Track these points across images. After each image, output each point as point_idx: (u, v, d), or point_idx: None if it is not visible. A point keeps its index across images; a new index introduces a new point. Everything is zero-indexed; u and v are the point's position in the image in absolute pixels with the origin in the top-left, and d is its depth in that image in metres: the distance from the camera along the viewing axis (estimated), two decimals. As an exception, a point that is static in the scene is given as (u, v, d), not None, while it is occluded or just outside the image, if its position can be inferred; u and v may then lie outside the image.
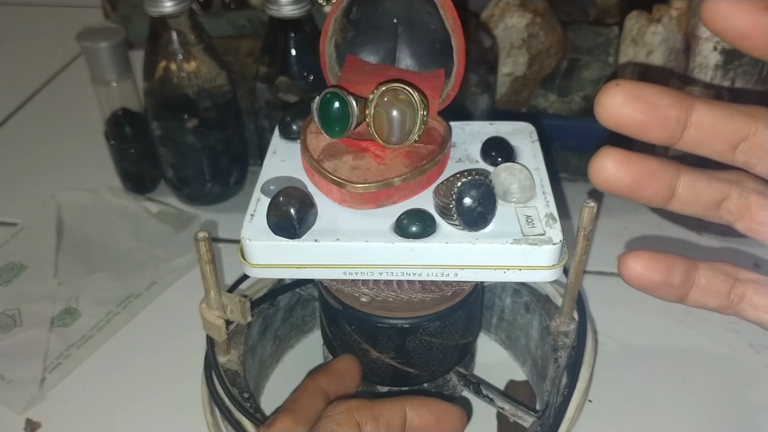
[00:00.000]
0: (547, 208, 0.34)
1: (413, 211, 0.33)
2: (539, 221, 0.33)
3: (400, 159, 0.35)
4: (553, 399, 0.39)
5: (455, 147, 0.38)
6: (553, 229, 0.33)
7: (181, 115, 0.56)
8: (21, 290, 0.52)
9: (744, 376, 0.47)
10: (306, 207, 0.32)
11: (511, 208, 0.34)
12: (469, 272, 0.33)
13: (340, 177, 0.33)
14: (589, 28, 0.63)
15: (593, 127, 0.68)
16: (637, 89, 0.23)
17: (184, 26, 0.53)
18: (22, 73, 0.85)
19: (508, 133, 0.39)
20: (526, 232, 0.32)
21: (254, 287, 0.46)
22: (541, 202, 0.34)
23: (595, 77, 0.63)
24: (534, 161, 0.37)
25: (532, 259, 0.32)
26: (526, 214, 0.33)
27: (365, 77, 0.38)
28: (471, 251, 0.32)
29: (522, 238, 0.32)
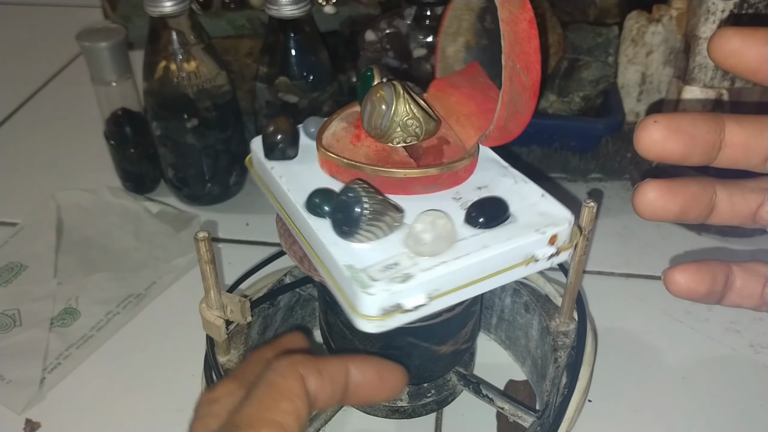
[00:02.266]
0: (424, 272, 0.29)
1: (331, 192, 0.32)
2: (394, 271, 0.29)
3: (370, 150, 0.34)
4: (553, 399, 0.39)
5: (481, 189, 0.34)
6: (387, 284, 0.28)
7: (181, 115, 0.56)
8: (21, 290, 0.52)
9: (744, 376, 0.47)
10: (282, 138, 0.35)
11: (401, 249, 0.30)
12: (320, 268, 0.32)
13: (321, 136, 0.35)
14: (589, 28, 0.63)
15: (593, 127, 0.68)
16: (675, 123, 0.24)
17: (184, 26, 0.53)
18: (22, 73, 0.85)
19: (540, 212, 0.32)
20: (369, 269, 0.29)
21: (254, 287, 0.46)
22: (429, 263, 0.29)
23: (595, 77, 0.63)
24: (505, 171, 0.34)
25: (349, 293, 0.29)
26: (398, 261, 0.29)
27: (463, 84, 0.37)
28: (322, 248, 0.31)
29: (355, 269, 0.29)
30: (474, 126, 0.35)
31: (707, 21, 0.51)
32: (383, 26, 0.54)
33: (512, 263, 0.31)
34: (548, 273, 0.46)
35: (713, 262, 0.27)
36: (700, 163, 0.26)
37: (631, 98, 0.63)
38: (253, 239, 0.58)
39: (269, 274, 0.47)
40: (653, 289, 0.53)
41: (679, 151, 0.25)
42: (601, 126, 0.60)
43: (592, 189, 0.63)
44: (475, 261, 0.29)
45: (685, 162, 0.26)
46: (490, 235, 0.30)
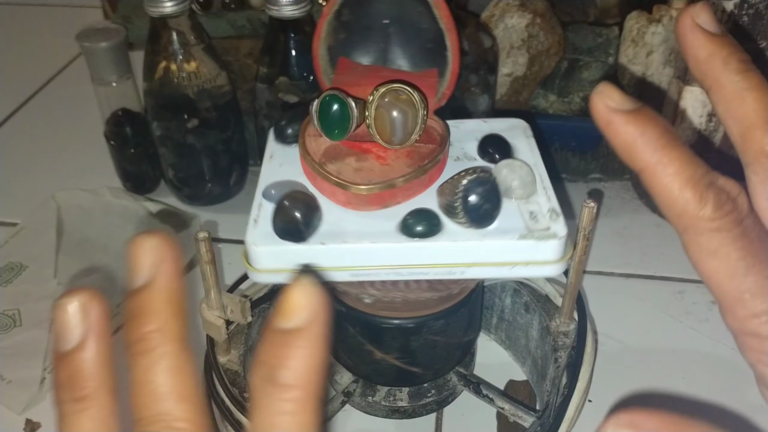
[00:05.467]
0: (549, 203, 0.34)
1: (418, 210, 0.33)
2: (543, 216, 0.33)
3: (403, 159, 0.35)
4: (553, 399, 0.39)
5: (452, 146, 0.38)
6: (556, 224, 0.33)
7: (181, 115, 0.56)
8: (21, 290, 0.52)
9: (744, 376, 0.46)
10: (311, 210, 0.32)
11: (514, 204, 0.34)
12: (476, 269, 0.33)
13: (344, 179, 0.33)
14: (589, 28, 0.63)
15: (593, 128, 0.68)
16: None
17: (184, 26, 0.53)
18: (22, 73, 0.85)
19: (503, 130, 0.39)
20: (531, 227, 0.32)
21: (254, 287, 0.46)
22: (542, 198, 0.34)
23: (595, 77, 0.63)
24: (531, 156, 0.37)
25: (538, 254, 0.32)
26: (530, 209, 0.33)
27: (359, 79, 0.38)
28: (478, 248, 0.32)
29: (527, 234, 0.32)
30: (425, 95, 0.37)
31: (707, 21, 0.51)
32: (383, 26, 0.54)
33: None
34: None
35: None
36: None
37: (631, 98, 0.63)
38: (253, 239, 0.58)
39: (269, 274, 0.47)
40: (653, 289, 0.53)
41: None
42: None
43: (592, 189, 0.63)
44: (547, 176, 0.36)
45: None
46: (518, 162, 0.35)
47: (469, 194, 0.31)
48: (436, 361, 0.39)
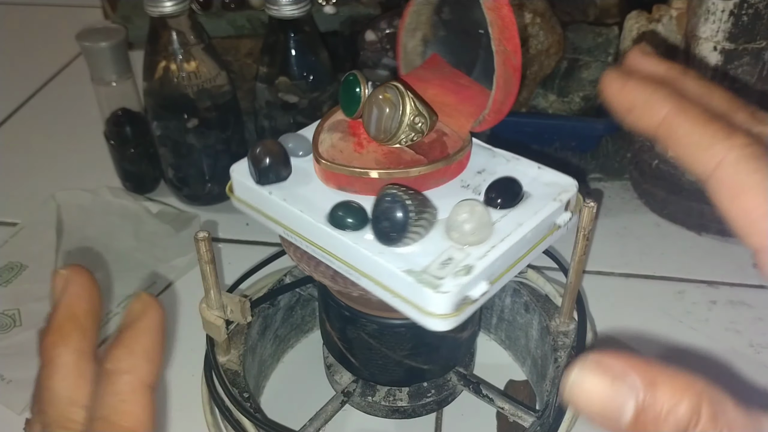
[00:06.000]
0: (480, 260, 0.29)
1: (355, 206, 0.32)
2: (453, 266, 0.29)
3: (378, 155, 0.34)
4: (553, 399, 0.39)
5: (479, 173, 0.35)
6: (454, 280, 0.28)
7: (181, 115, 0.56)
8: (21, 290, 0.52)
9: (744, 376, 0.47)
10: (275, 160, 0.34)
11: (448, 242, 0.30)
12: (366, 281, 0.31)
13: (318, 150, 0.34)
14: (589, 28, 0.63)
15: (593, 127, 0.68)
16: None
17: (184, 26, 0.53)
18: (22, 73, 0.85)
19: (544, 183, 0.34)
20: (428, 269, 0.29)
21: (254, 287, 0.46)
22: (480, 251, 0.30)
23: (595, 77, 0.62)
24: (533, 219, 0.32)
25: (417, 297, 0.29)
26: (452, 255, 0.30)
27: (431, 77, 0.37)
28: (368, 260, 0.31)
29: (416, 272, 0.29)
30: (464, 114, 0.35)
31: (707, 21, 0.51)
32: (383, 26, 0.54)
33: (542, 235, 0.33)
34: (548, 273, 0.46)
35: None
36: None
37: (631, 98, 0.63)
38: (253, 239, 0.58)
39: (269, 274, 0.47)
40: (653, 289, 0.53)
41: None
42: (601, 126, 0.60)
43: (592, 189, 0.63)
44: (517, 239, 0.31)
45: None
46: (517, 213, 0.32)
47: (378, 208, 0.30)
48: (445, 356, 0.40)
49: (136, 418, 0.24)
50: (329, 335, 0.41)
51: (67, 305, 0.27)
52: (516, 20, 0.32)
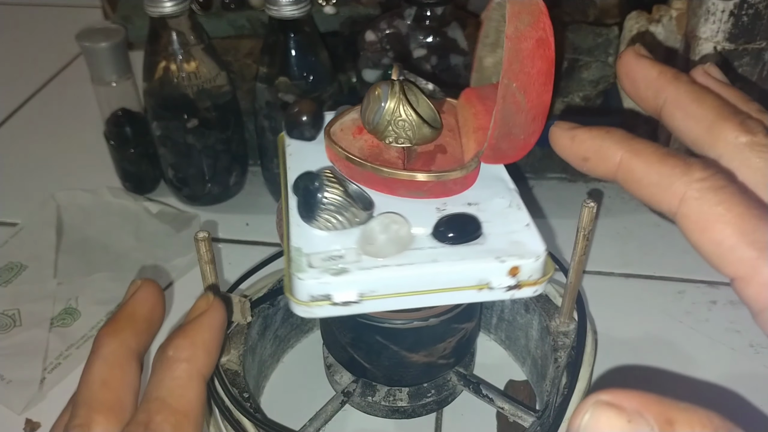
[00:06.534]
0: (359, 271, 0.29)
1: (312, 174, 0.32)
2: (334, 263, 0.29)
3: (364, 144, 0.34)
4: (553, 399, 0.39)
5: (470, 205, 0.32)
6: (319, 273, 0.28)
7: (181, 115, 0.56)
8: (21, 290, 0.52)
9: (744, 376, 0.47)
10: (301, 119, 0.36)
11: (354, 244, 0.30)
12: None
13: (332, 124, 0.35)
14: (589, 28, 0.63)
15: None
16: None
17: (184, 26, 0.53)
18: (22, 73, 0.85)
19: (513, 241, 0.30)
20: (314, 255, 0.29)
21: (254, 287, 0.46)
22: (370, 263, 0.29)
23: (595, 77, 0.62)
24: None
25: (289, 272, 0.29)
26: (344, 255, 0.29)
27: (488, 98, 0.35)
28: (289, 227, 0.31)
29: (301, 252, 0.29)
30: (476, 141, 0.34)
31: (707, 21, 0.51)
32: (383, 26, 0.54)
33: (462, 284, 0.30)
34: (548, 273, 0.46)
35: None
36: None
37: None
38: (253, 239, 0.58)
39: (269, 274, 0.47)
40: (653, 289, 0.53)
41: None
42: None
43: (592, 189, 0.63)
44: (417, 272, 0.29)
45: None
46: (448, 252, 0.29)
47: (305, 184, 0.31)
48: (382, 366, 0.40)
49: (190, 403, 0.26)
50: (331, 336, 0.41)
51: (128, 306, 0.30)
52: (550, 62, 0.29)
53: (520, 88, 0.29)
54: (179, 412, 0.25)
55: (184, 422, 0.25)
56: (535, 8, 0.29)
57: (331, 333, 0.40)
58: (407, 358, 0.39)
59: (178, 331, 0.28)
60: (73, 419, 0.26)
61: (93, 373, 0.27)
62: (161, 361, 0.27)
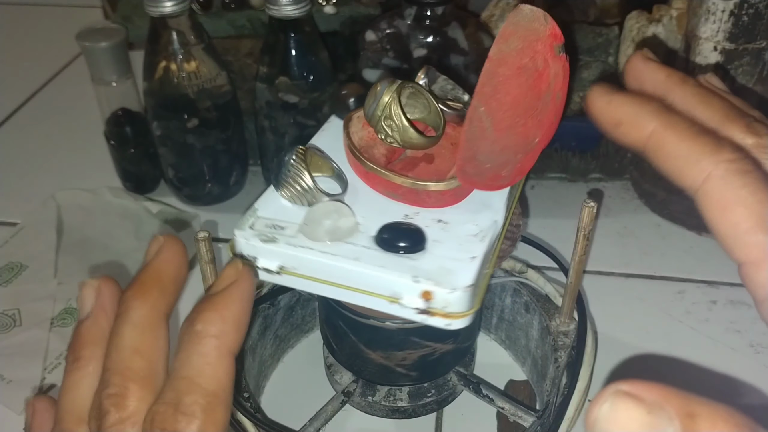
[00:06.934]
0: (285, 244, 0.29)
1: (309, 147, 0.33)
2: (270, 231, 0.30)
3: (365, 133, 0.35)
4: (553, 399, 0.39)
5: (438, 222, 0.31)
6: (251, 234, 0.30)
7: (181, 115, 0.56)
8: (21, 290, 0.52)
9: (744, 376, 0.47)
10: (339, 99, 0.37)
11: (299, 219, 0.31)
12: None
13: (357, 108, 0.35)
14: (589, 28, 0.63)
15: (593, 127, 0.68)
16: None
17: (184, 26, 0.53)
18: (22, 73, 0.85)
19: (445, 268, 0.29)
20: (262, 219, 0.31)
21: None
22: (299, 242, 0.29)
23: (595, 77, 0.62)
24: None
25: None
26: (287, 227, 0.30)
27: None
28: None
29: (255, 214, 0.31)
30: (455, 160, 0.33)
31: (707, 21, 0.51)
32: (383, 26, 0.54)
33: (375, 290, 0.29)
34: (548, 273, 0.46)
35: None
36: None
37: (631, 98, 0.63)
38: (253, 239, 0.58)
39: (269, 274, 0.47)
40: (653, 289, 0.53)
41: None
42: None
43: (592, 189, 0.63)
44: (335, 264, 0.29)
45: None
46: (375, 255, 0.29)
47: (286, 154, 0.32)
48: (344, 353, 0.40)
49: (219, 382, 0.25)
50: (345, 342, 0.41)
51: (154, 267, 0.28)
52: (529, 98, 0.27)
53: (489, 113, 0.27)
54: (209, 392, 0.24)
55: (214, 403, 0.24)
56: (530, 34, 0.27)
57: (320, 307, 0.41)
58: (364, 352, 0.39)
59: (206, 303, 0.26)
60: (107, 387, 0.25)
61: (124, 338, 0.26)
62: (189, 334, 0.25)
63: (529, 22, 0.27)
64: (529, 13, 0.27)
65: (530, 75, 0.27)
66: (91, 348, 0.27)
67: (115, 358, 0.26)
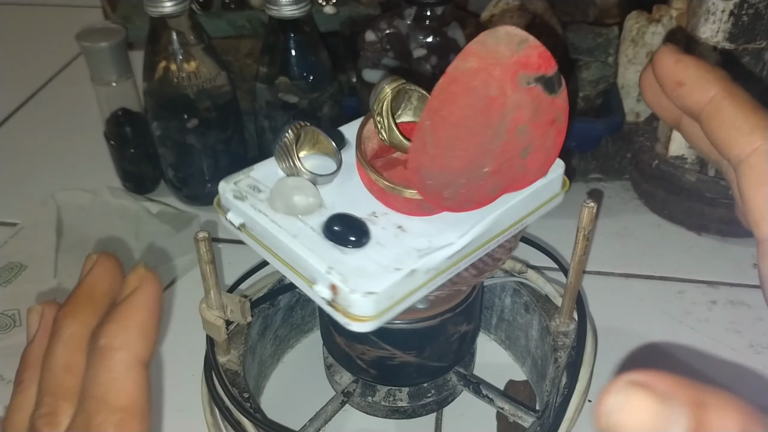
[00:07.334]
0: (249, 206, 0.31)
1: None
2: (246, 192, 0.32)
3: (373, 131, 0.35)
4: (553, 399, 0.39)
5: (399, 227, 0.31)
6: (230, 194, 0.32)
7: (181, 115, 0.56)
8: (21, 290, 0.52)
9: (744, 376, 0.47)
10: None
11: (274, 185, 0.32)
12: None
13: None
14: (589, 28, 0.63)
15: (593, 128, 0.68)
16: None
17: (184, 26, 0.53)
18: (22, 73, 0.85)
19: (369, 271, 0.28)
20: (245, 180, 0.33)
21: (254, 287, 0.46)
22: (263, 208, 0.31)
23: (595, 77, 0.62)
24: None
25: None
26: (263, 190, 0.32)
27: None
28: None
29: (244, 174, 0.33)
30: None
31: (707, 21, 0.51)
32: (383, 26, 0.54)
33: (299, 270, 0.29)
34: (548, 273, 0.46)
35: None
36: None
37: (631, 98, 0.63)
38: (253, 239, 0.58)
39: (269, 274, 0.47)
40: (653, 289, 0.53)
41: None
42: (601, 126, 0.60)
43: (592, 189, 0.63)
44: (275, 235, 0.30)
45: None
46: (312, 238, 0.29)
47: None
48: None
49: (130, 396, 0.24)
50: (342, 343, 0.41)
51: (86, 284, 0.28)
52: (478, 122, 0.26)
53: (431, 128, 0.27)
54: (119, 408, 0.23)
55: (126, 418, 0.23)
56: (490, 57, 0.26)
57: None
58: (333, 334, 0.39)
59: (109, 315, 0.25)
60: (40, 407, 0.25)
61: (55, 357, 0.26)
62: (93, 351, 0.24)
63: (496, 44, 0.25)
64: (503, 35, 0.26)
65: (479, 99, 0.26)
66: (33, 370, 0.27)
67: (47, 378, 0.25)
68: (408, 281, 0.28)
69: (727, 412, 0.19)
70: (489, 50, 0.26)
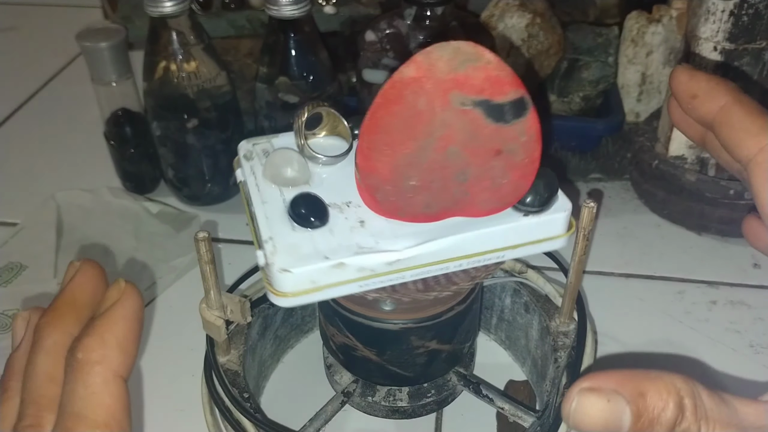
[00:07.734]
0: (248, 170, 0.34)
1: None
2: (252, 154, 0.35)
3: None
4: (553, 399, 0.39)
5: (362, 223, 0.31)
6: (241, 153, 0.35)
7: (181, 115, 0.56)
8: (21, 290, 0.52)
9: (744, 376, 0.47)
10: None
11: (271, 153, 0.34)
12: None
13: None
14: (589, 28, 0.63)
15: (593, 128, 0.68)
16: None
17: (184, 26, 0.53)
18: (22, 73, 0.85)
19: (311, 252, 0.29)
20: (252, 146, 0.36)
21: (254, 287, 0.46)
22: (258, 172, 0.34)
23: (594, 77, 0.63)
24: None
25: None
26: (260, 154, 0.35)
27: None
28: None
29: (251, 141, 0.36)
30: None
31: (707, 21, 0.51)
32: (383, 26, 0.54)
33: (256, 233, 0.31)
34: (548, 273, 0.46)
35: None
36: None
37: (631, 98, 0.63)
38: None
39: (269, 274, 0.47)
40: (653, 289, 0.53)
41: None
42: (601, 126, 0.60)
43: (592, 189, 0.63)
44: (250, 197, 0.32)
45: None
46: (276, 208, 0.31)
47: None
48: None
49: (108, 410, 0.24)
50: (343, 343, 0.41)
51: (68, 291, 0.28)
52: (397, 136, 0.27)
53: (367, 128, 0.27)
54: (99, 423, 0.23)
55: None
56: (428, 69, 0.25)
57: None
58: (323, 320, 0.41)
59: (87, 329, 0.25)
60: (23, 419, 0.25)
61: (37, 366, 0.25)
62: (70, 365, 0.24)
63: (438, 57, 0.25)
64: (450, 49, 0.25)
65: (406, 108, 0.26)
66: (18, 378, 0.27)
67: (29, 388, 0.25)
68: (335, 272, 0.29)
69: (662, 394, 0.22)
70: (429, 62, 0.25)
